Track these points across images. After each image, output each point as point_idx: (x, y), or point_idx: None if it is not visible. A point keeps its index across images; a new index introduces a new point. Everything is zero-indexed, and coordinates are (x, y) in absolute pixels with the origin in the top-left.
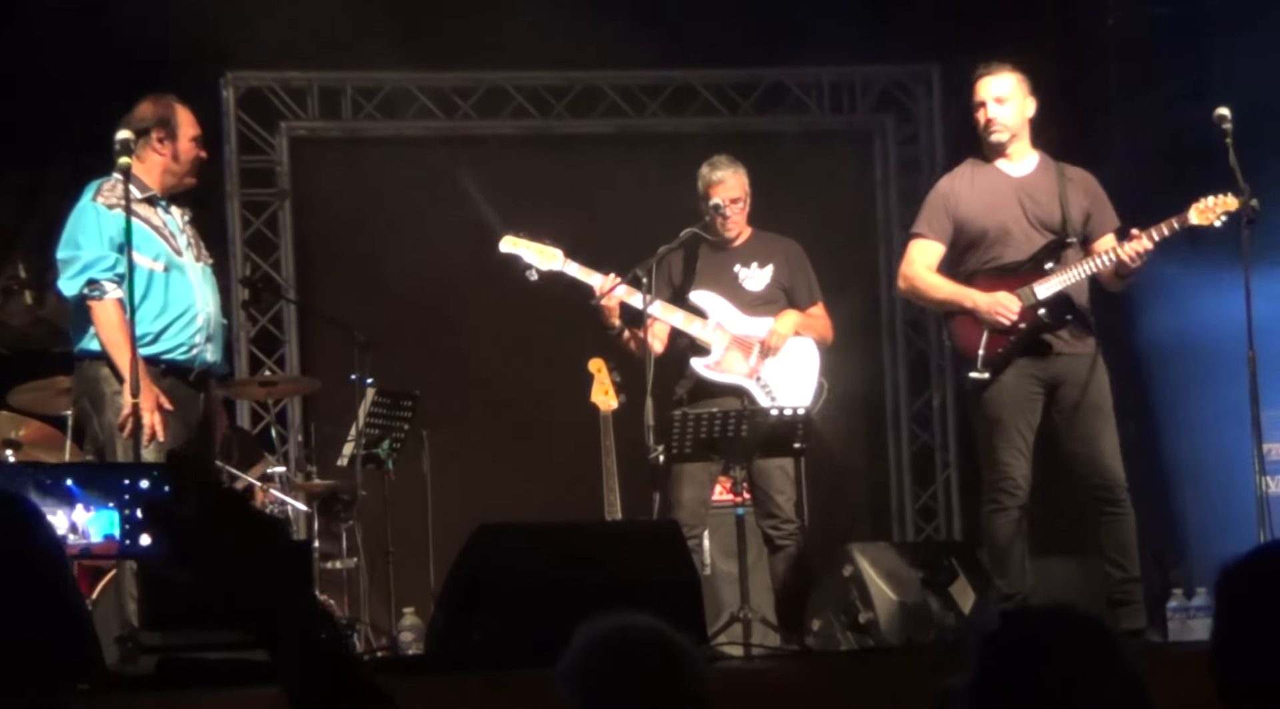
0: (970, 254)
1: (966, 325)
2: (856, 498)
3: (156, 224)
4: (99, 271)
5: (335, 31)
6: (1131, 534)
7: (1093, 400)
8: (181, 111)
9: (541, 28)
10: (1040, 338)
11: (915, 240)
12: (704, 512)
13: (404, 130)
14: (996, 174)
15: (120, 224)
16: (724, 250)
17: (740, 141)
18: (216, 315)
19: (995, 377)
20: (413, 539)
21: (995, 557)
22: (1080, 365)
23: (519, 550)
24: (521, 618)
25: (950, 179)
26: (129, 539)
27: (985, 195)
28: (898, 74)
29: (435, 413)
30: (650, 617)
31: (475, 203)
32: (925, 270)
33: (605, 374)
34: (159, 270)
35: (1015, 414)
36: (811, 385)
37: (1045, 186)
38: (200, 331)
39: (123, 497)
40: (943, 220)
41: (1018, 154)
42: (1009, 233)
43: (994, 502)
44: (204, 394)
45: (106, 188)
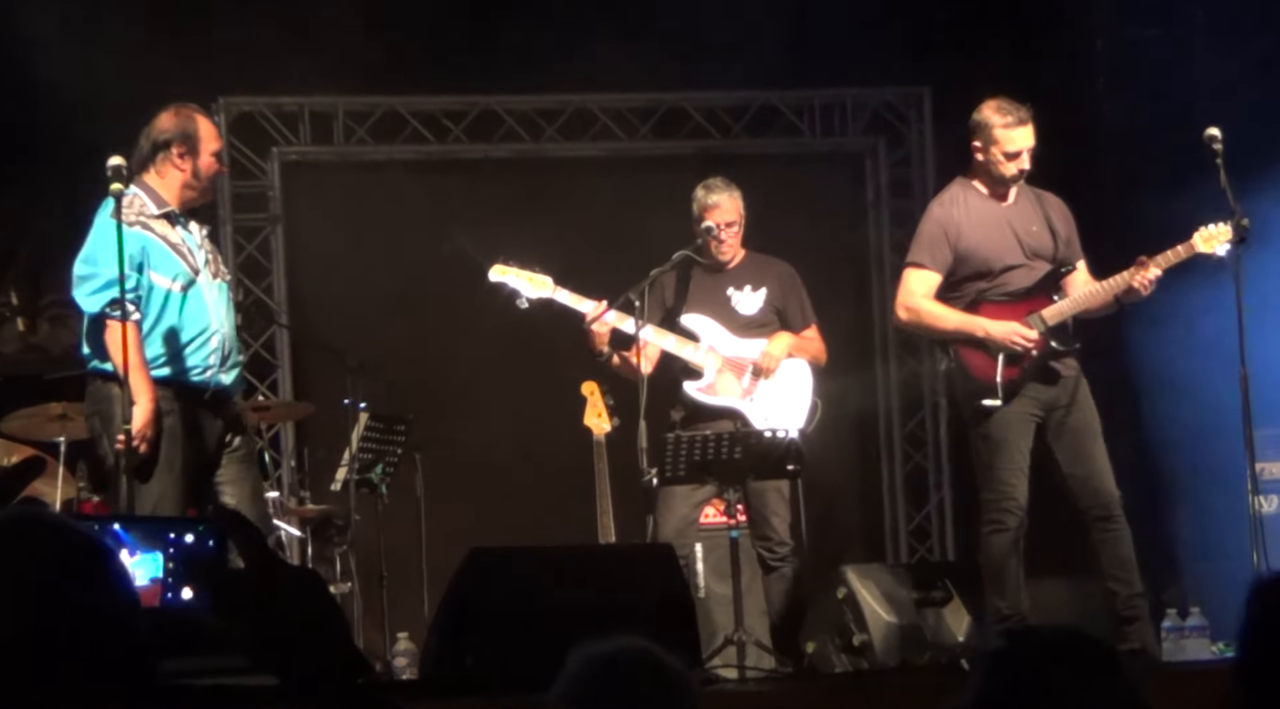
0: (971, 283)
1: (975, 354)
2: (850, 520)
3: (175, 241)
4: (117, 290)
5: (326, 56)
6: (1130, 550)
7: (1084, 421)
8: (204, 124)
9: (532, 51)
10: (1048, 364)
11: (914, 270)
12: (690, 533)
13: (395, 154)
14: (987, 202)
15: (140, 243)
16: (717, 273)
17: (732, 164)
18: (232, 335)
19: (1007, 403)
20: (406, 564)
21: (994, 576)
22: (1075, 388)
23: (512, 574)
24: (515, 642)
25: (945, 207)
26: (171, 592)
27: (984, 226)
28: (889, 97)
29: (429, 437)
30: (644, 640)
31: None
32: (928, 300)
33: (599, 397)
34: (176, 290)
35: (1018, 436)
36: (805, 407)
37: (1032, 214)
38: (215, 353)
39: (168, 548)
40: (944, 251)
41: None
42: (1010, 263)
43: (995, 522)
44: (222, 417)
45: (124, 204)
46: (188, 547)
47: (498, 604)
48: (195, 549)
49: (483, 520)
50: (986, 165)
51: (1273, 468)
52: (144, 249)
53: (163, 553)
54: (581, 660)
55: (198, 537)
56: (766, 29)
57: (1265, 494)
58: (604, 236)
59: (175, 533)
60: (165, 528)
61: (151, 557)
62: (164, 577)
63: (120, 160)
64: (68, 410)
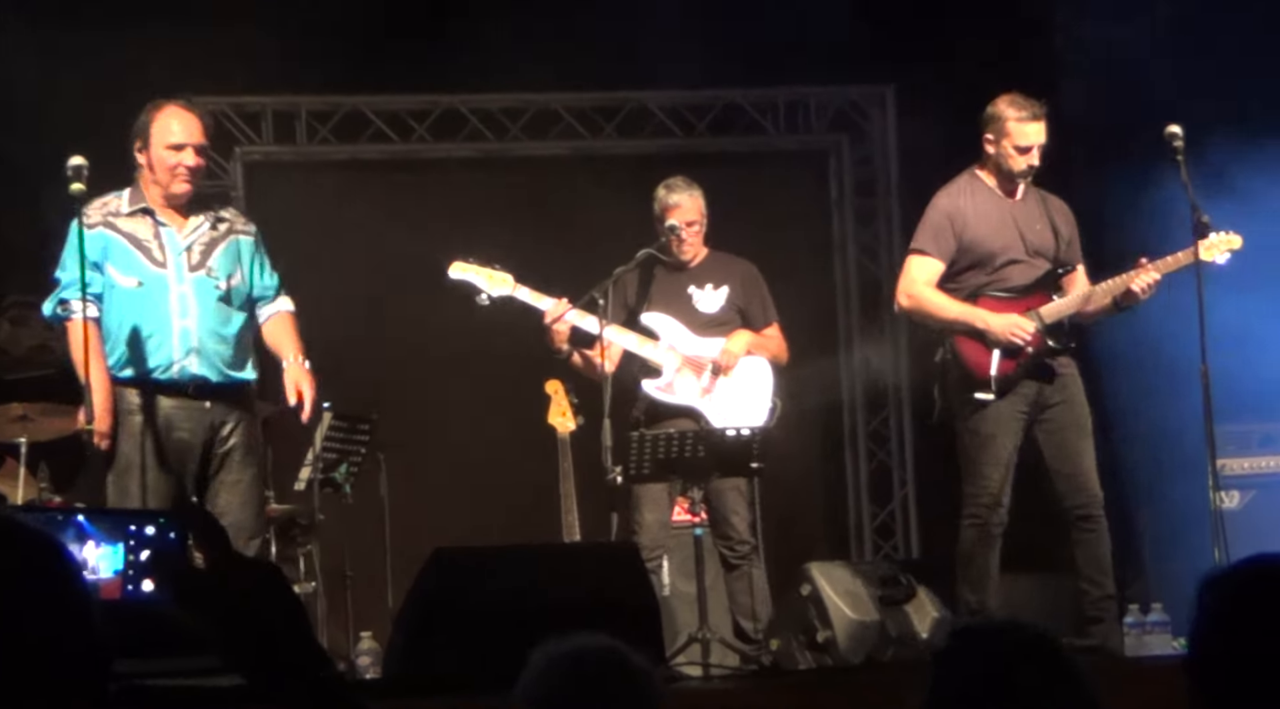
0: (971, 275)
1: (973, 346)
2: (814, 517)
3: (142, 238)
4: (70, 292)
5: (289, 56)
6: (1108, 551)
7: (1077, 419)
8: (162, 117)
9: (496, 50)
10: (1045, 362)
11: (917, 257)
12: (665, 534)
13: (359, 154)
14: (994, 196)
15: (99, 243)
16: (679, 271)
17: (695, 163)
18: (208, 327)
19: (1001, 398)
20: (370, 563)
21: (967, 570)
22: (1070, 386)
23: (476, 573)
24: (479, 641)
25: (951, 197)
26: (131, 584)
27: (989, 218)
28: (852, 95)
29: (392, 436)
30: (608, 638)
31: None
32: (929, 288)
33: (562, 395)
34: (133, 287)
35: (1005, 433)
36: (765, 406)
37: (1036, 213)
38: (179, 348)
39: (128, 541)
40: (948, 239)
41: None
42: (1012, 257)
43: (973, 515)
44: (214, 410)
45: (93, 206)
46: (148, 539)
47: (462, 603)
48: (156, 542)
49: (447, 519)
50: (997, 158)
51: (1234, 464)
52: (105, 248)
53: (123, 545)
54: (545, 659)
55: (159, 529)
56: (729, 27)
57: (1226, 490)
58: (568, 235)
59: (136, 525)
60: (126, 520)
61: (114, 549)
62: (124, 569)
63: (81, 160)
64: (28, 411)
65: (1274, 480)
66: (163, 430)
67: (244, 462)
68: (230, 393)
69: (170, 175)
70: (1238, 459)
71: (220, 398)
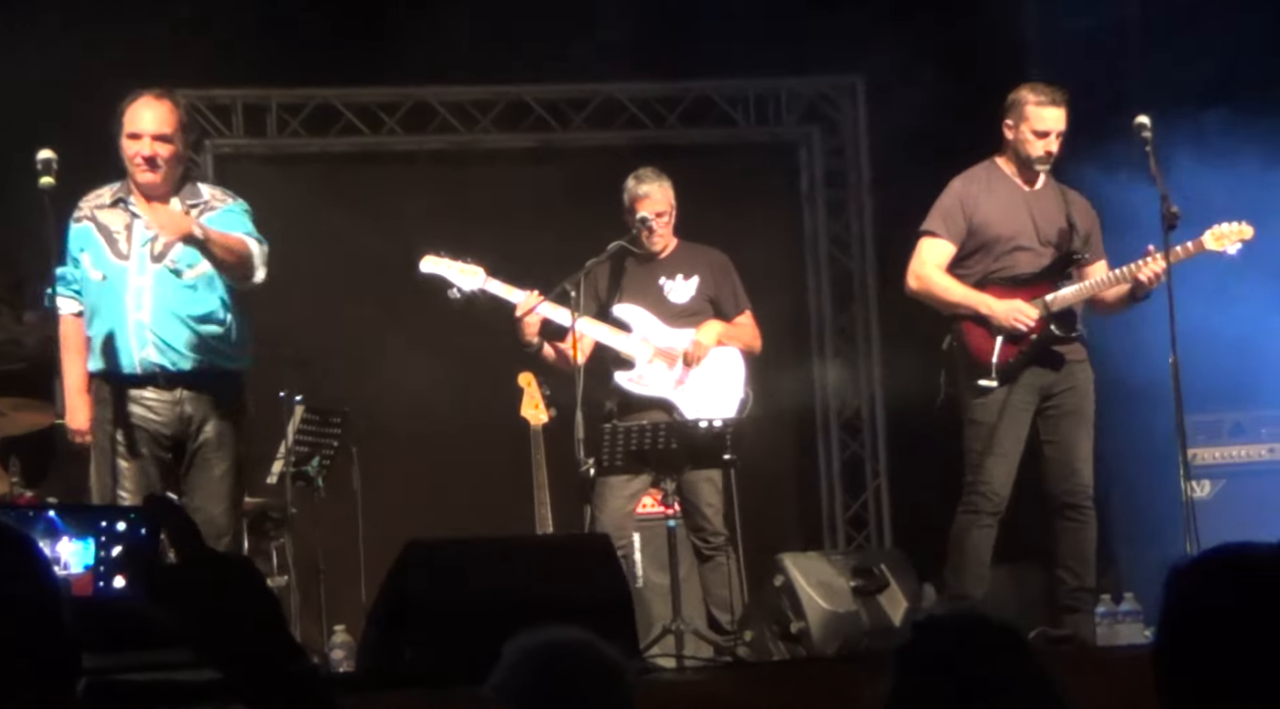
0: (977, 260)
1: (976, 332)
2: (787, 508)
3: (114, 230)
4: (59, 287)
5: (259, 48)
6: (1092, 544)
7: (1080, 408)
8: (132, 109)
9: (466, 42)
10: (1051, 350)
11: (928, 238)
12: (628, 524)
13: (330, 147)
14: (1011, 184)
15: (82, 236)
16: (650, 263)
17: (666, 154)
18: (165, 318)
19: (1004, 385)
20: (343, 556)
21: (956, 556)
22: (1078, 375)
23: (449, 565)
24: (453, 633)
25: (966, 182)
26: (103, 580)
27: (1001, 203)
28: (823, 86)
29: (365, 429)
30: (581, 630)
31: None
32: (938, 271)
33: (535, 388)
34: (99, 280)
35: (1009, 423)
36: (736, 396)
37: (1053, 204)
38: (135, 341)
39: (99, 536)
40: (959, 221)
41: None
42: (1021, 244)
43: (969, 504)
44: (186, 400)
45: (87, 198)
46: (119, 534)
47: (435, 596)
48: (126, 537)
49: (420, 512)
50: (1015, 144)
51: (1204, 453)
52: (84, 242)
53: (94, 540)
54: (518, 652)
55: (130, 524)
56: (699, 19)
57: (1198, 479)
58: (538, 227)
59: (107, 521)
60: (97, 515)
61: (85, 543)
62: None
63: (50, 153)
64: (0, 405)
65: (1245, 470)
66: (136, 422)
67: (215, 457)
68: (206, 382)
69: (131, 165)
70: (1208, 449)
71: (194, 387)
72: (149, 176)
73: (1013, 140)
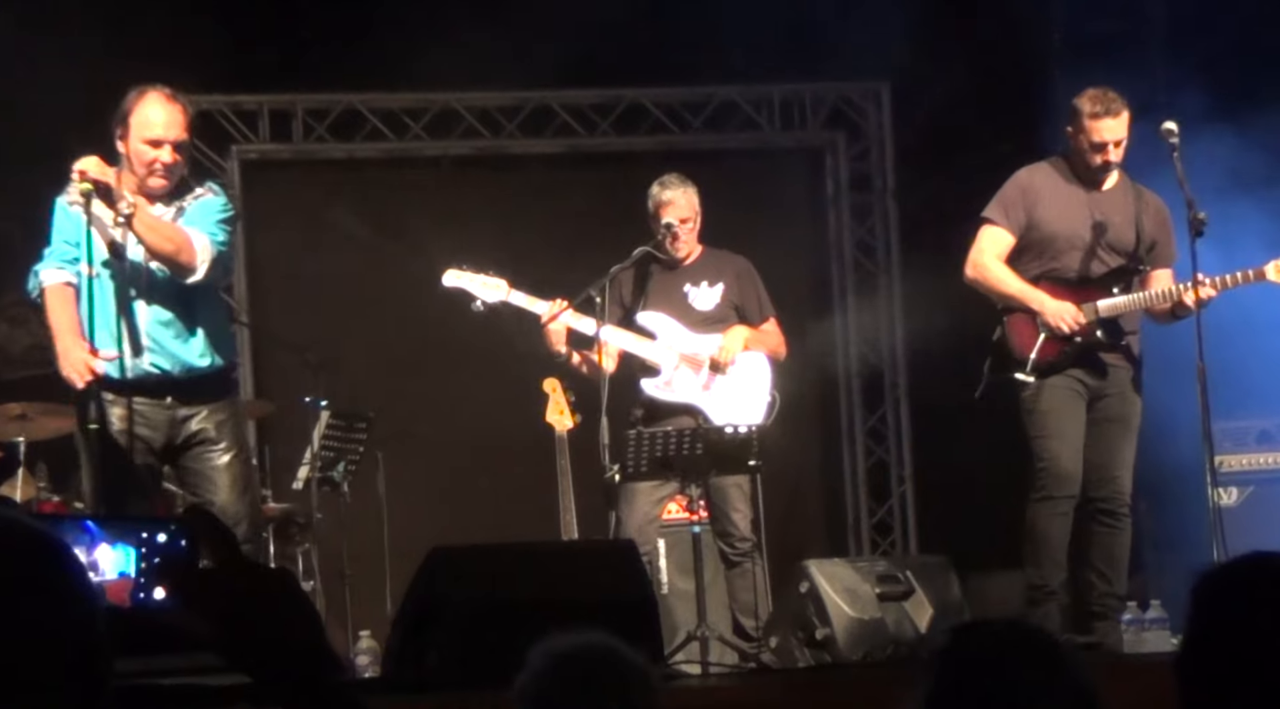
0: (1031, 257)
1: (1022, 325)
2: (812, 514)
3: (108, 224)
4: (43, 264)
5: (284, 54)
6: (1125, 551)
7: (1125, 414)
8: (143, 108)
9: (491, 48)
10: (1095, 354)
11: (988, 227)
12: (651, 530)
13: (355, 152)
14: (1074, 183)
15: (76, 221)
16: (674, 269)
17: (691, 159)
18: (155, 319)
19: (1040, 381)
20: (369, 562)
21: (1031, 545)
22: (1124, 381)
23: (474, 571)
24: (477, 639)
25: (1030, 173)
26: (143, 591)
27: (1063, 202)
28: (848, 91)
29: (390, 434)
30: (606, 636)
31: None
32: (996, 261)
33: (560, 394)
34: (89, 276)
35: (1065, 406)
36: (764, 401)
37: (1122, 208)
38: (128, 342)
39: (140, 546)
40: (1019, 212)
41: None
42: (1076, 246)
43: (1040, 489)
44: (178, 403)
45: (77, 184)
46: (160, 546)
47: (460, 602)
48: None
49: (445, 518)
50: (1077, 151)
51: (1231, 460)
52: (78, 229)
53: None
54: (544, 657)
55: (170, 536)
56: (724, 24)
57: (1225, 486)
58: (564, 232)
59: (148, 532)
60: (137, 526)
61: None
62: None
63: (88, 185)
64: (27, 410)
65: (1272, 477)
66: (124, 427)
67: (214, 447)
68: (194, 384)
69: (147, 170)
70: (1236, 456)
71: (183, 390)
72: (162, 183)
73: (1074, 146)
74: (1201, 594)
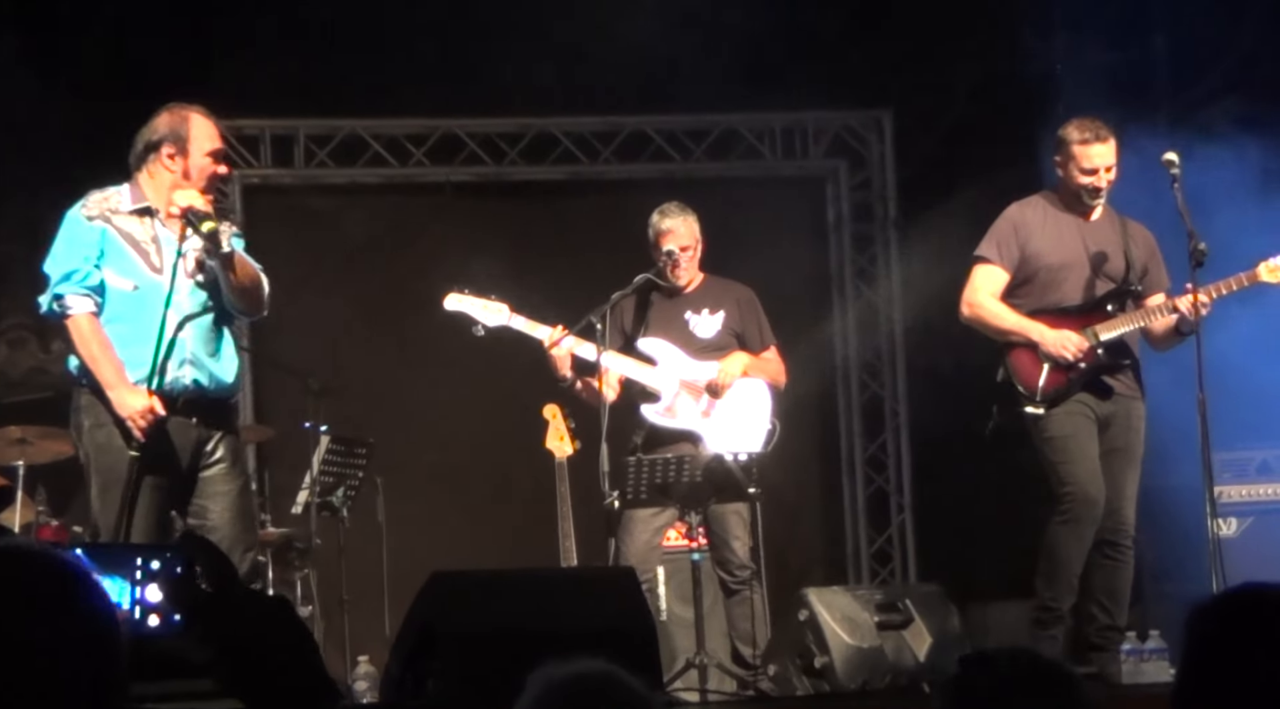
0: (1028, 290)
1: (1025, 359)
2: (812, 542)
3: (140, 239)
4: (65, 287)
5: (287, 79)
6: (1128, 583)
7: (1130, 446)
8: (198, 124)
9: (493, 74)
10: (1100, 379)
11: (982, 265)
12: (654, 557)
13: (357, 177)
14: (1065, 214)
15: (100, 237)
16: (675, 297)
17: (693, 187)
18: (198, 338)
19: (1050, 411)
20: (368, 587)
21: (1046, 565)
22: (1130, 410)
23: (473, 597)
24: (476, 665)
25: (1021, 208)
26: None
27: (1055, 233)
28: (850, 120)
29: (390, 460)
30: (605, 663)
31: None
32: (990, 298)
33: (560, 420)
34: (128, 290)
35: (1081, 432)
36: (764, 428)
37: (1110, 236)
38: (174, 358)
39: (134, 574)
40: (1012, 248)
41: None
42: (1071, 276)
43: (1066, 513)
44: (202, 421)
45: (94, 199)
46: (154, 573)
47: (459, 628)
48: (163, 575)
49: (444, 543)
50: (1066, 181)
51: (1231, 491)
52: (102, 245)
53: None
54: (542, 684)
55: (165, 563)
56: (727, 52)
57: (1224, 517)
58: (566, 258)
59: (143, 558)
60: (131, 554)
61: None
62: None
63: (213, 224)
64: (26, 434)
65: (1272, 508)
66: (150, 447)
67: (230, 473)
68: (218, 406)
69: (208, 183)
70: (1235, 486)
71: (208, 411)
72: (211, 197)
73: (1063, 177)
74: (1195, 626)
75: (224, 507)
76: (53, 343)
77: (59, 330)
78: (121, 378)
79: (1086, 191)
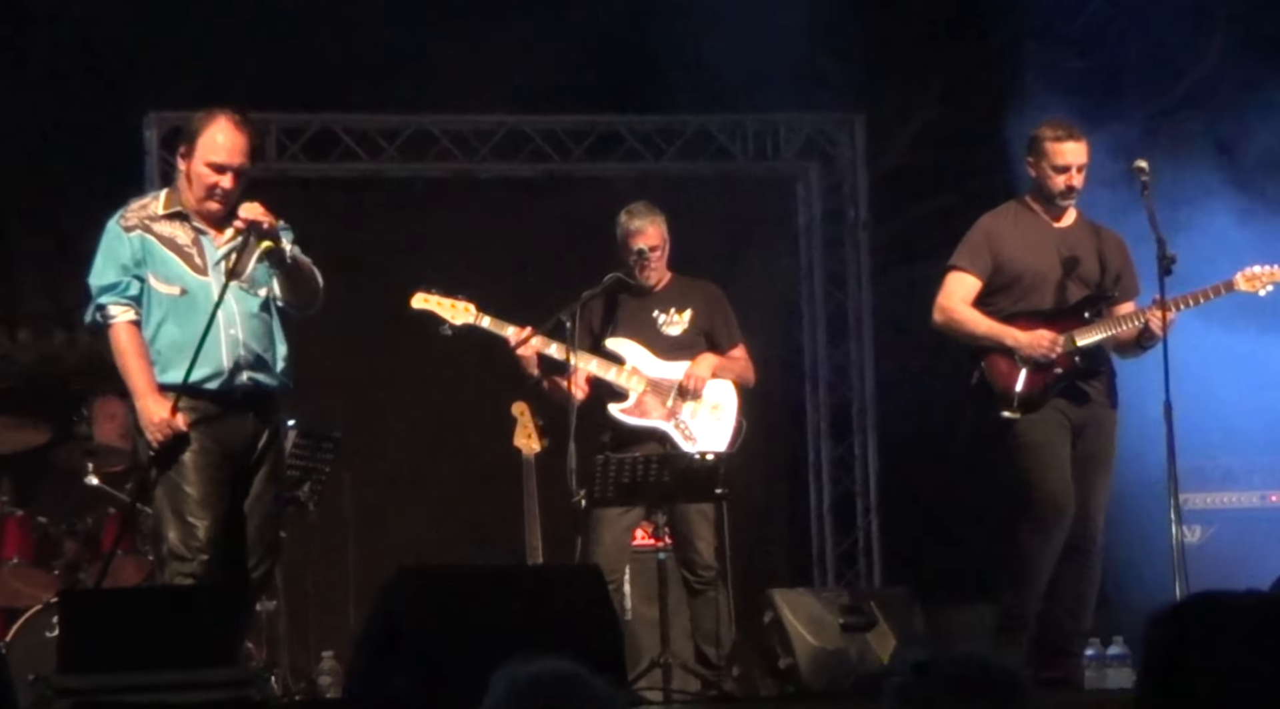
0: (1002, 296)
1: (1001, 363)
2: (777, 543)
3: (181, 243)
4: (107, 297)
5: (260, 72)
6: (1093, 590)
7: (1103, 453)
8: (212, 130)
9: (466, 71)
10: (1075, 385)
11: (954, 273)
12: (623, 557)
13: (328, 172)
14: (1040, 221)
15: (140, 246)
16: (644, 296)
17: (665, 187)
18: (249, 337)
19: (1027, 416)
20: (333, 582)
21: (1013, 572)
22: (1103, 417)
23: (439, 593)
24: (441, 661)
25: (994, 217)
26: None
27: (1028, 240)
28: (821, 122)
29: (357, 455)
30: (570, 661)
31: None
32: (963, 305)
33: (529, 418)
34: (176, 294)
35: (1054, 439)
36: (730, 427)
37: (1084, 241)
38: (228, 357)
39: None
40: (984, 257)
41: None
42: (1046, 281)
43: (1036, 522)
44: (259, 417)
45: (132, 208)
46: None
47: (424, 623)
48: None
49: (410, 539)
50: (1039, 181)
51: (1195, 498)
52: (143, 253)
53: None
54: (506, 681)
55: None
56: (700, 53)
57: (1188, 524)
58: (535, 257)
59: None
60: None
61: None
62: None
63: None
64: None
65: (1236, 516)
66: (207, 438)
67: (267, 477)
68: (271, 402)
69: (206, 193)
70: (1200, 494)
71: (262, 407)
72: (218, 208)
73: (1036, 177)
74: (1152, 634)
75: (272, 512)
76: (19, 332)
77: (26, 320)
78: (150, 387)
79: (1058, 192)
